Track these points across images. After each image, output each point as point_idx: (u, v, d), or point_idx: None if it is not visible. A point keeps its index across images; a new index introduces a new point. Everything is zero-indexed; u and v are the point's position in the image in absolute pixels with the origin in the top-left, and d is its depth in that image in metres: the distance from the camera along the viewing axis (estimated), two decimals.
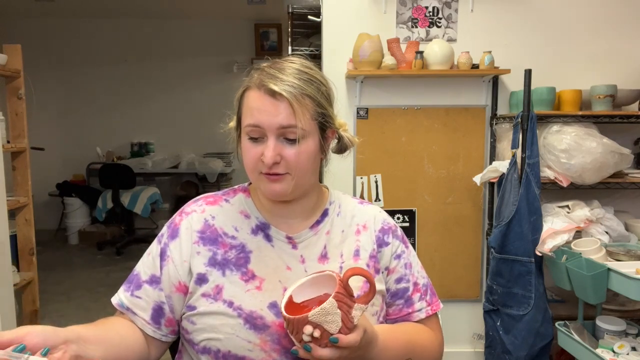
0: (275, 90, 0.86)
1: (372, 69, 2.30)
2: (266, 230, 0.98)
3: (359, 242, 1.00)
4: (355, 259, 0.99)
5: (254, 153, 0.90)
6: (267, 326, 0.89)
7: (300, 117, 0.87)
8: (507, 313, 2.16)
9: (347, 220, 1.02)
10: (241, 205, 1.01)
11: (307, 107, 0.89)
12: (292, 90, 0.87)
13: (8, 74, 2.75)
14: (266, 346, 0.88)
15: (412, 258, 1.05)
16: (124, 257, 4.74)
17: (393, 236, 1.04)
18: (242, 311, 0.89)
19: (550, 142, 2.19)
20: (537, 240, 2.09)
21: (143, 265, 0.98)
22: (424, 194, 2.52)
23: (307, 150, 0.90)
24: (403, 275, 1.03)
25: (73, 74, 5.74)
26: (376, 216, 1.05)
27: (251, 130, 0.89)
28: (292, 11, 2.81)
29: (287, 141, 0.88)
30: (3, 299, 2.42)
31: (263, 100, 0.88)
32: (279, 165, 0.89)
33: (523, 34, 2.48)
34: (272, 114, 0.87)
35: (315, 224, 1.00)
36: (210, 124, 6.61)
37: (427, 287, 1.06)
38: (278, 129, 0.87)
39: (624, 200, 2.52)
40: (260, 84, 0.89)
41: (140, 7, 5.30)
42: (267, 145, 0.88)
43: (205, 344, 0.90)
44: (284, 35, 5.56)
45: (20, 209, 2.86)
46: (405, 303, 1.03)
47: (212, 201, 1.01)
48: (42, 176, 4.79)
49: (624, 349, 1.84)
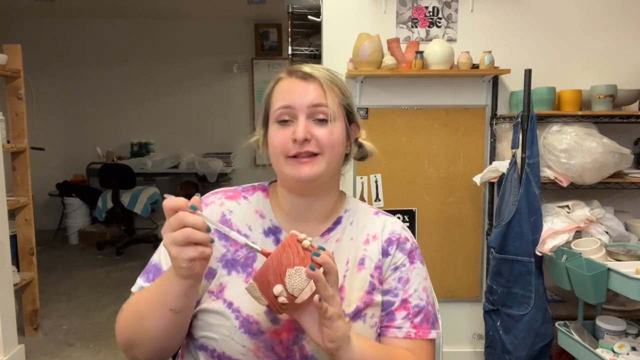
0: (306, 71, 0.91)
1: (372, 69, 2.30)
2: (277, 234, 0.97)
3: (365, 252, 0.98)
4: (359, 267, 0.96)
5: (282, 135, 0.90)
6: (262, 332, 0.88)
7: (329, 98, 0.90)
8: (507, 313, 2.16)
9: (359, 229, 1.00)
10: (258, 204, 1.00)
11: (335, 93, 0.92)
12: (323, 74, 0.92)
13: (8, 74, 2.75)
14: (259, 352, 0.88)
15: (412, 275, 0.98)
16: (124, 257, 4.74)
17: (398, 248, 0.99)
18: (239, 314, 0.89)
19: (550, 142, 2.19)
20: (537, 240, 2.09)
21: (162, 256, 0.96)
22: (424, 194, 2.52)
23: (337, 131, 0.91)
24: (392, 288, 0.96)
25: (73, 74, 5.74)
26: (386, 227, 1.01)
27: (281, 112, 0.90)
28: (292, 11, 2.81)
29: (318, 122, 0.90)
30: (3, 299, 2.42)
31: (294, 83, 0.92)
32: (309, 143, 0.88)
33: (523, 34, 2.48)
34: (303, 94, 0.90)
35: (327, 231, 0.98)
36: (211, 124, 6.64)
37: (421, 311, 0.96)
38: (309, 107, 0.89)
39: (624, 200, 2.52)
40: (291, 71, 0.94)
41: (141, 7, 5.30)
42: (298, 123, 0.89)
43: (203, 342, 0.91)
44: (284, 35, 5.57)
45: (20, 209, 2.86)
46: (386, 316, 0.95)
47: (232, 196, 1.00)
48: (42, 176, 4.79)
49: (624, 349, 1.84)
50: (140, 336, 0.86)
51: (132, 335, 0.88)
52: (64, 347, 2.88)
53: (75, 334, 3.04)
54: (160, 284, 0.85)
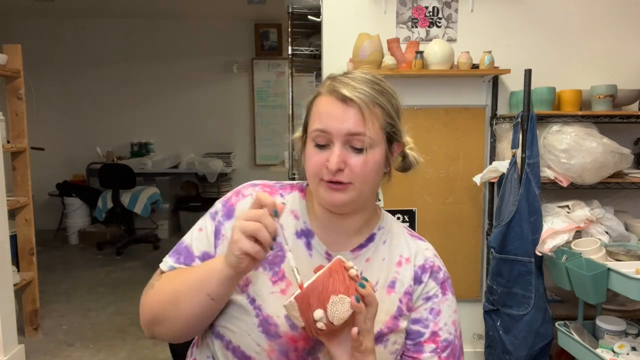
0: (346, 95, 0.85)
1: (372, 69, 2.30)
2: (309, 238, 0.95)
3: (397, 274, 0.95)
4: (388, 290, 0.94)
5: (317, 159, 0.87)
6: (279, 335, 0.88)
7: (369, 125, 0.85)
8: (507, 313, 2.16)
9: (392, 250, 0.97)
10: (294, 204, 0.98)
11: (376, 116, 0.87)
12: (363, 97, 0.85)
13: (8, 74, 2.75)
14: (273, 354, 0.88)
15: (444, 307, 0.96)
16: (124, 257, 4.74)
17: (431, 277, 0.97)
18: (260, 312, 0.89)
19: (550, 142, 2.19)
20: (537, 240, 2.09)
21: (194, 240, 0.96)
22: (424, 194, 2.52)
23: (372, 160, 0.87)
24: (423, 319, 0.94)
25: (73, 74, 5.74)
26: (421, 252, 0.99)
27: (317, 135, 0.87)
28: (292, 11, 2.81)
29: (353, 150, 0.86)
30: (3, 299, 2.42)
31: (333, 105, 0.86)
32: (342, 173, 0.86)
33: (523, 34, 2.48)
34: (340, 120, 0.85)
35: (358, 247, 0.96)
36: (211, 124, 6.62)
37: (449, 346, 0.94)
38: (345, 136, 0.85)
39: (624, 200, 2.52)
40: (331, 89, 0.88)
41: (141, 7, 5.30)
42: (333, 151, 0.85)
43: (220, 330, 0.91)
44: (284, 35, 5.56)
45: (20, 209, 2.86)
46: (414, 346, 0.94)
47: (269, 191, 0.99)
48: (42, 176, 4.79)
49: (624, 349, 1.84)
50: (171, 315, 0.87)
51: (161, 313, 0.88)
52: (64, 347, 2.88)
53: (75, 334, 3.04)
54: (203, 268, 0.87)
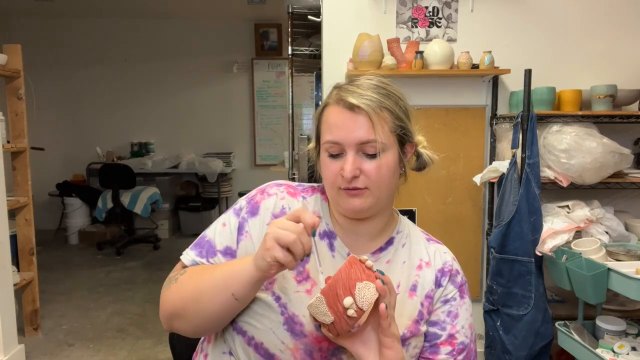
0: (353, 103, 0.87)
1: (372, 69, 2.29)
2: (332, 239, 0.96)
3: (418, 278, 0.96)
4: (410, 293, 0.95)
5: (333, 169, 0.90)
6: (304, 335, 0.88)
7: (379, 130, 0.87)
8: (507, 313, 2.16)
9: (412, 253, 0.99)
10: (316, 205, 0.99)
11: (385, 120, 0.89)
12: (370, 103, 0.87)
13: (8, 74, 2.75)
14: (297, 353, 0.88)
15: (462, 311, 0.97)
16: (124, 257, 4.74)
17: (450, 281, 0.98)
18: (285, 310, 0.89)
19: (550, 142, 2.19)
20: (537, 240, 2.09)
21: (217, 234, 0.96)
22: (424, 194, 2.52)
23: (386, 164, 0.89)
24: (440, 321, 0.96)
25: (73, 74, 5.74)
26: (441, 255, 1.00)
27: (330, 146, 0.89)
28: (292, 11, 2.81)
29: (367, 156, 0.88)
30: (3, 299, 2.42)
31: (342, 115, 0.88)
32: (358, 179, 0.88)
33: (523, 34, 2.48)
34: (350, 130, 0.87)
35: (378, 250, 0.97)
36: (211, 124, 6.63)
37: (465, 349, 0.95)
38: (357, 145, 0.87)
39: (624, 200, 2.52)
40: (338, 99, 0.90)
41: (141, 7, 5.31)
42: (346, 160, 0.87)
43: (243, 326, 0.91)
44: (284, 35, 5.57)
45: (20, 209, 2.86)
46: (430, 347, 0.95)
47: (292, 192, 1.00)
48: (42, 176, 4.79)
49: (624, 349, 1.84)
50: (192, 311, 0.88)
51: (182, 308, 0.89)
52: (64, 347, 2.88)
53: (75, 334, 3.04)
54: (229, 267, 0.87)
